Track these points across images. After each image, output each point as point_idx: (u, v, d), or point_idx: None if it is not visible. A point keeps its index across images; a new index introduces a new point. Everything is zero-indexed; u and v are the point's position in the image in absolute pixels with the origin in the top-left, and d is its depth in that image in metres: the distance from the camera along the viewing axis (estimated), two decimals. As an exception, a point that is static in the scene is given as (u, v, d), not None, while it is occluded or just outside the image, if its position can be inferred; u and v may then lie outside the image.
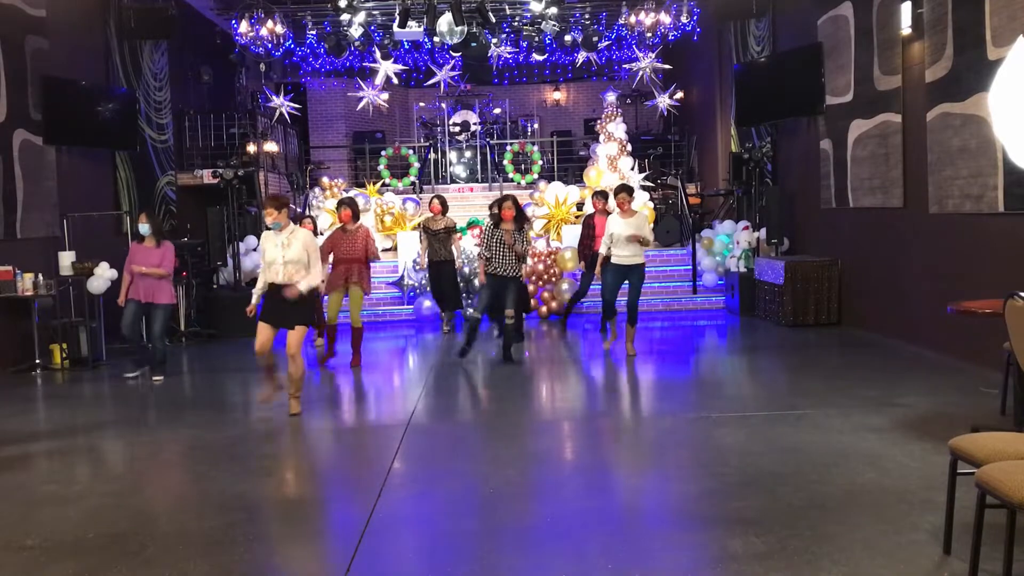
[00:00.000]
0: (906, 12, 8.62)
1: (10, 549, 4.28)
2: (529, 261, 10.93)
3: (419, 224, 10.74)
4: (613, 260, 8.83)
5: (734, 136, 14.47)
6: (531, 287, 12.04)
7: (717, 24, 14.68)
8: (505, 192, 10.48)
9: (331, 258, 8.91)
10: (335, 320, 8.94)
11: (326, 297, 8.67)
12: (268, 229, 6.82)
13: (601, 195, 10.83)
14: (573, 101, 21.73)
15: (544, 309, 11.96)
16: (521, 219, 8.79)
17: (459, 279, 11.06)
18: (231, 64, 16.17)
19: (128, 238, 10.77)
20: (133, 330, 8.68)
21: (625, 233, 8.68)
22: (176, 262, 8.97)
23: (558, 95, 21.50)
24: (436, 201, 10.86)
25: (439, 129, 18.89)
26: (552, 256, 12.13)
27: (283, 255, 6.67)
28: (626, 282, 8.89)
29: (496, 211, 8.76)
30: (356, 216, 9.02)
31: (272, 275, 6.73)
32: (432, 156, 17.94)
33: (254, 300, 6.85)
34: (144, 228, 8.52)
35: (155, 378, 8.60)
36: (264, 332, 6.77)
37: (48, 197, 10.24)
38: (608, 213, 9.68)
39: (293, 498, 5.12)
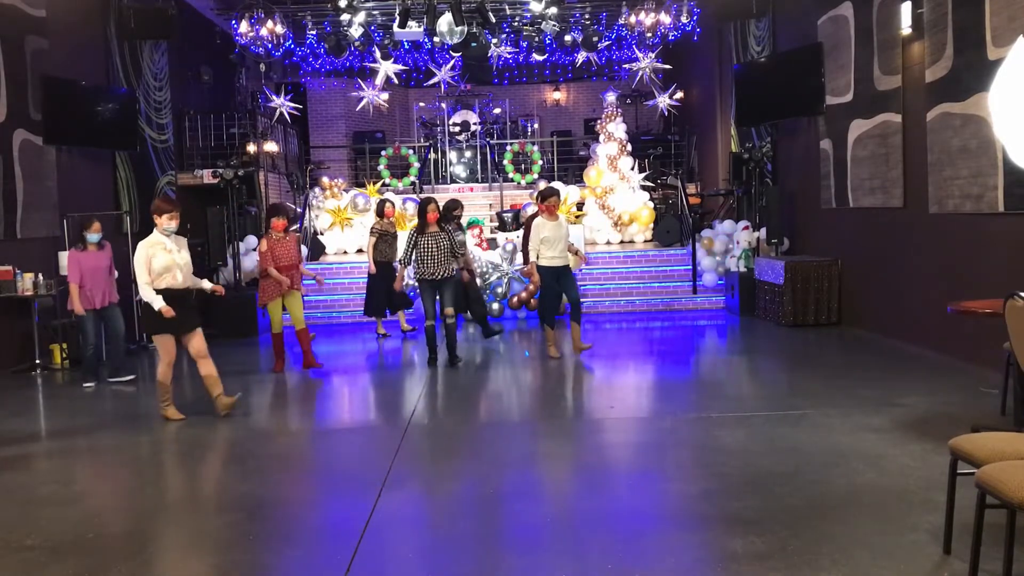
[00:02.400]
0: (906, 12, 8.62)
1: (10, 549, 4.28)
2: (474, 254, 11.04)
3: (373, 227, 10.58)
4: (544, 263, 8.76)
5: (734, 136, 14.47)
6: (531, 286, 12.02)
7: (717, 24, 14.69)
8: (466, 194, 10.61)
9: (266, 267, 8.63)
10: (280, 328, 8.76)
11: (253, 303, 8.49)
12: (163, 233, 6.76)
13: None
14: (573, 101, 21.74)
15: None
16: (446, 219, 8.97)
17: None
18: (231, 64, 16.19)
19: (129, 238, 10.78)
20: (99, 339, 8.57)
21: (557, 237, 8.70)
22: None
23: (558, 95, 21.51)
24: (389, 205, 10.84)
25: (439, 129, 18.90)
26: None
27: (179, 259, 6.76)
28: (557, 283, 8.88)
29: (446, 213, 8.98)
30: (290, 224, 8.98)
31: (171, 280, 6.71)
32: (432, 156, 17.94)
33: (163, 305, 6.60)
34: (95, 237, 8.53)
35: (128, 377, 8.59)
36: (171, 342, 6.79)
37: (48, 197, 10.25)
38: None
39: (293, 498, 5.12)
